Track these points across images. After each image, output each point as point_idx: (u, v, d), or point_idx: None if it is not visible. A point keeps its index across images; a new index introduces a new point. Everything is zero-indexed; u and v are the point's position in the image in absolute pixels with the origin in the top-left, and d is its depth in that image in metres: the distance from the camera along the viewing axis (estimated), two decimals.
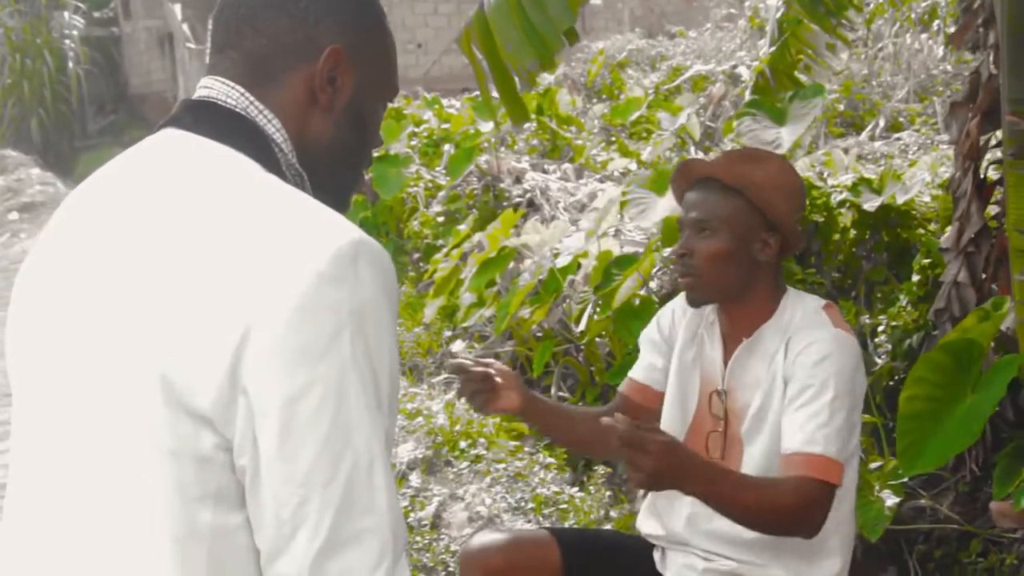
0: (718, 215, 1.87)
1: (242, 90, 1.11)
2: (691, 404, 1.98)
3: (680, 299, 2.08)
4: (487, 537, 2.03)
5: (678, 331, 2.04)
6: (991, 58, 2.91)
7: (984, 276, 2.93)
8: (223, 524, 0.98)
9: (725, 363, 1.94)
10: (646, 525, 2.06)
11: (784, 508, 1.73)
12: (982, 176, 2.98)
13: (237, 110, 1.10)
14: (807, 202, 4.23)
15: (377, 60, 1.19)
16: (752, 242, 1.87)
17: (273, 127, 1.11)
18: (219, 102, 1.11)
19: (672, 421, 2.00)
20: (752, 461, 1.88)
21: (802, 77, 3.95)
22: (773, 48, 3.84)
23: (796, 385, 1.81)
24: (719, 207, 1.87)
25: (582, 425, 2.07)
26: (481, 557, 1.98)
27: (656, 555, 2.04)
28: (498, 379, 1.93)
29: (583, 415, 2.14)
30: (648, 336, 2.11)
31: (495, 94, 2.80)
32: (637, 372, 2.11)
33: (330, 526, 0.96)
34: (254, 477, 0.97)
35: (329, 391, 0.95)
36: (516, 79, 2.60)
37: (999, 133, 2.79)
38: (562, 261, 4.27)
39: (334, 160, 1.17)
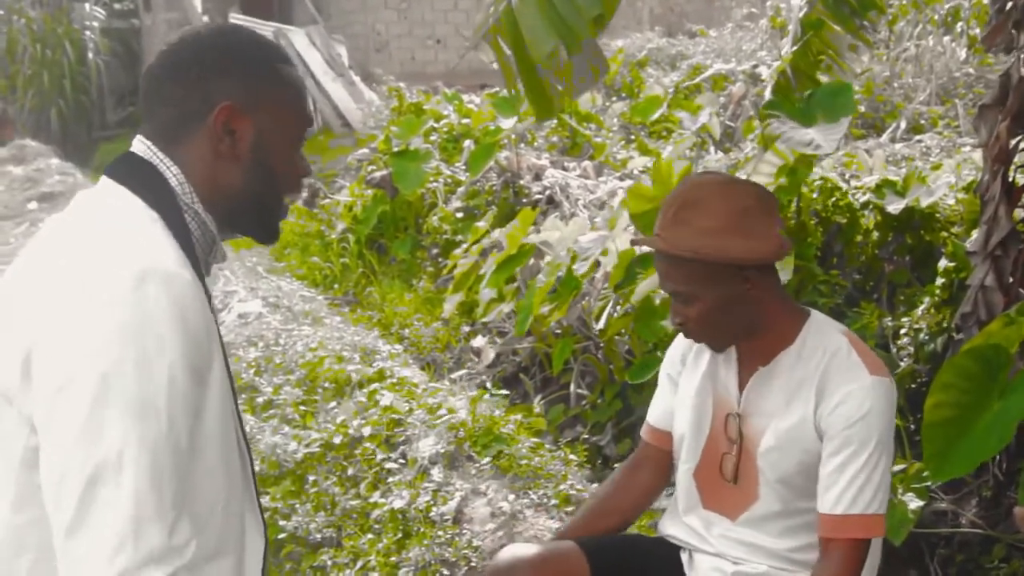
0: (687, 284, 1.83)
1: (154, 148, 1.38)
2: (706, 425, 1.97)
3: None
4: (514, 553, 2.02)
5: (688, 359, 2.03)
6: (1022, 60, 2.89)
7: (1012, 280, 2.91)
8: None
9: (740, 387, 1.92)
10: (669, 527, 2.07)
11: None
12: (1011, 179, 2.96)
13: (146, 159, 1.37)
14: (831, 202, 4.24)
15: (276, 105, 1.41)
16: (734, 288, 1.82)
17: (172, 174, 1.37)
18: (136, 154, 1.39)
19: (688, 442, 2.00)
20: (770, 489, 1.88)
21: (823, 78, 3.92)
22: (796, 48, 3.81)
23: (836, 441, 1.79)
24: (682, 278, 1.83)
25: (630, 512, 2.14)
26: (511, 574, 1.98)
27: (683, 557, 2.04)
28: None
29: (620, 497, 2.14)
30: (665, 371, 2.10)
31: (521, 87, 2.78)
32: (655, 416, 2.11)
33: None
34: None
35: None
36: (548, 77, 2.59)
37: None
38: (580, 264, 4.25)
39: (251, 200, 1.41)
